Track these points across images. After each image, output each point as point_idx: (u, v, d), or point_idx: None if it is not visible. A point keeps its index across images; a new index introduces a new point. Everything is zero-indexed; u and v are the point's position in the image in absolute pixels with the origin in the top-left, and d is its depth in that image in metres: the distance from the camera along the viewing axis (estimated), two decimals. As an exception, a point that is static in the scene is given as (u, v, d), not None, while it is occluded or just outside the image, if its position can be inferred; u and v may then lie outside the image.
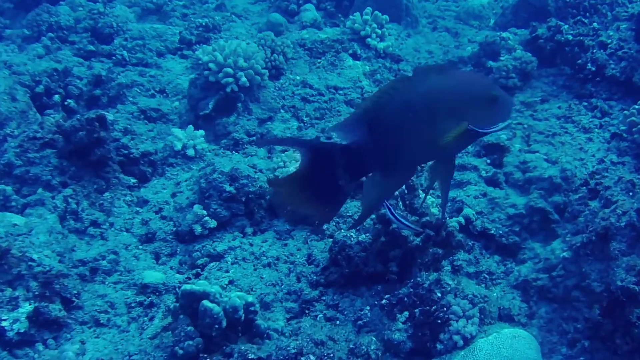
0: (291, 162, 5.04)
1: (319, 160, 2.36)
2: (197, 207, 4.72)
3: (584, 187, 4.67)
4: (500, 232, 4.60)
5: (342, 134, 2.39)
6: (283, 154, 5.05)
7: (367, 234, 4.20)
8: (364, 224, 4.19)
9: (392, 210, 3.59)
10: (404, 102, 2.31)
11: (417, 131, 2.34)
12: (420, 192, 4.51)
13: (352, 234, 4.23)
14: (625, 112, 5.09)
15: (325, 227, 4.62)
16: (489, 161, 4.92)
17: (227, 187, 4.70)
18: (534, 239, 4.58)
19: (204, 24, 6.70)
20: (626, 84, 5.53)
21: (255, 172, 4.86)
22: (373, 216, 4.15)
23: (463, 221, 4.60)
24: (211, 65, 5.60)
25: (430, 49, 6.50)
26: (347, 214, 4.71)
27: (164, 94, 6.15)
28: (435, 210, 4.41)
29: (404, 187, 4.45)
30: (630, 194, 4.43)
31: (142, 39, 6.61)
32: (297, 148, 2.66)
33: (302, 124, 5.67)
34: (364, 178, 2.48)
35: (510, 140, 4.96)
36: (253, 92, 5.72)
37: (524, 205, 4.65)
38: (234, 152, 5.52)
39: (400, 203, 4.44)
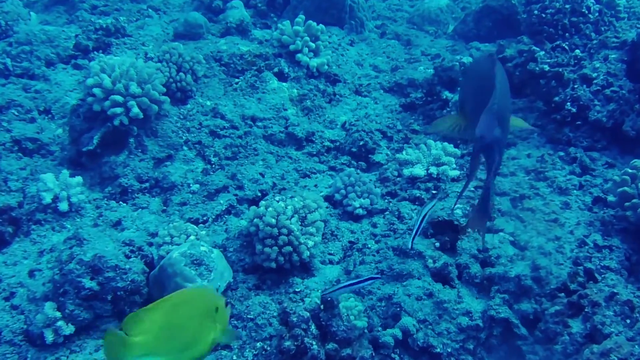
0: (180, 236, 3.39)
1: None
2: (48, 306, 3.13)
3: (562, 294, 3.10)
4: (449, 349, 3.06)
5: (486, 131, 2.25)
6: (175, 220, 3.43)
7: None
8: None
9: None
10: (503, 94, 2.28)
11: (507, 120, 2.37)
12: (341, 309, 2.93)
13: None
14: (615, 177, 3.50)
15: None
16: (437, 244, 3.31)
17: (87, 283, 3.17)
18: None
19: (104, 26, 4.95)
20: (613, 131, 3.95)
21: (128, 258, 3.21)
22: None
23: (400, 334, 3.02)
24: (96, 90, 3.95)
25: (375, 62, 4.83)
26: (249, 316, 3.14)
27: (49, 115, 4.41)
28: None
29: (320, 305, 2.88)
30: (628, 321, 2.87)
31: (29, 43, 4.87)
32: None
33: (208, 166, 4.00)
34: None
35: (467, 217, 3.33)
36: (150, 123, 4.06)
37: (482, 314, 3.09)
38: (120, 202, 3.86)
39: (313, 325, 2.85)
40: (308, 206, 3.51)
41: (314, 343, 2.85)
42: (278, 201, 3.52)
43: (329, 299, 2.98)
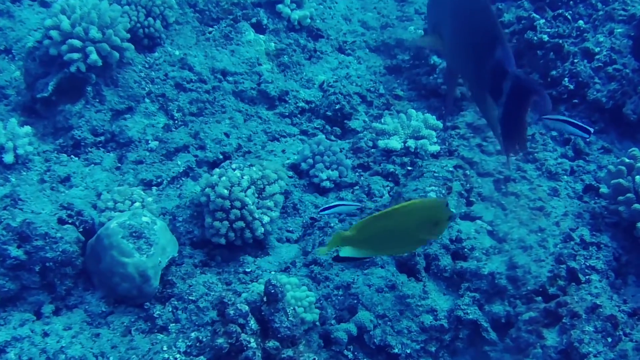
0: (124, 201, 2.86)
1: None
2: (-32, 273, 2.62)
3: (540, 298, 2.56)
4: (408, 350, 2.56)
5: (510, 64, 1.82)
6: (129, 179, 2.92)
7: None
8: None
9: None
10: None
11: None
12: (290, 300, 2.41)
13: None
14: (611, 166, 2.90)
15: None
16: (407, 230, 2.73)
17: (14, 252, 2.64)
18: (457, 365, 2.57)
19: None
20: (613, 113, 3.35)
21: (63, 224, 2.70)
22: None
23: (355, 330, 2.50)
24: (53, 33, 3.37)
25: (365, 18, 4.20)
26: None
27: (9, 55, 3.83)
28: None
29: (262, 298, 2.36)
30: (610, 340, 2.34)
31: (-6, -28, 4.17)
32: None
33: (171, 122, 3.43)
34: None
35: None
36: (110, 71, 3.50)
37: (448, 313, 2.56)
38: (72, 157, 3.32)
39: (252, 320, 2.33)
40: (267, 177, 2.96)
41: (251, 341, 2.34)
42: (234, 169, 2.96)
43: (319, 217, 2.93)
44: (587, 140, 3.38)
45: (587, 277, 2.82)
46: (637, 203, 2.87)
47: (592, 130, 2.81)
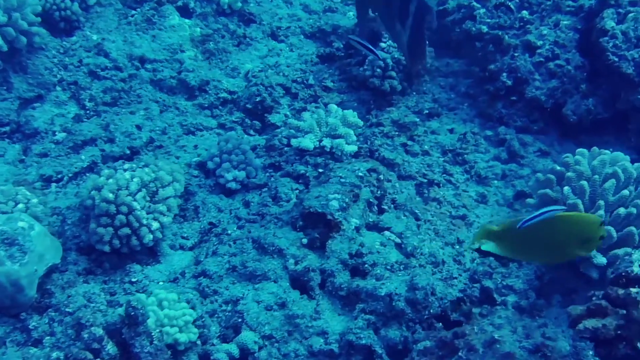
0: (7, 202, 2.53)
1: None
2: None
3: (440, 324, 2.20)
4: (295, 376, 2.19)
5: None
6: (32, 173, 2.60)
7: None
8: None
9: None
10: None
11: None
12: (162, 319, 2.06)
13: None
14: (539, 174, 2.53)
15: None
16: (305, 241, 2.38)
17: None
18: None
19: None
20: (553, 113, 2.91)
21: None
22: None
23: (236, 351, 2.16)
24: (-47, 13, 2.95)
25: (307, 2, 3.76)
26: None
27: None
28: None
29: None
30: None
31: None
32: None
33: (82, 112, 3.07)
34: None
35: (344, 211, 2.39)
36: (19, 57, 3.15)
37: (340, 336, 2.20)
38: (-26, 148, 2.97)
39: (110, 344, 1.99)
40: (161, 179, 2.60)
41: (105, 370, 2.00)
42: (126, 170, 2.59)
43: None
44: (524, 141, 2.99)
45: (502, 298, 2.46)
46: (562, 217, 2.47)
47: (382, 58, 2.86)
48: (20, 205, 2.63)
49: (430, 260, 2.50)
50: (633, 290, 1.67)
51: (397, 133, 2.98)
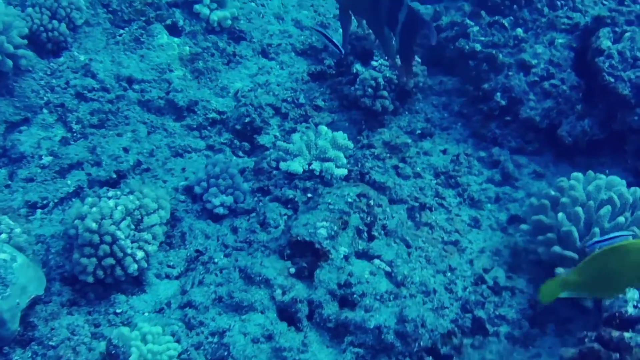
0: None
1: None
2: None
3: (430, 357, 2.15)
4: (282, 411, 2.14)
5: None
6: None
7: None
8: None
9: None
10: None
11: None
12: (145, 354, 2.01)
13: None
14: (533, 199, 2.47)
15: None
16: (293, 270, 2.32)
17: None
18: None
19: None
20: (548, 133, 2.84)
21: None
22: None
23: (219, 388, 2.12)
24: (-63, 37, 2.91)
25: (299, 17, 3.69)
26: None
27: None
28: None
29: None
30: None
31: None
32: None
33: (69, 134, 3.01)
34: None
35: (333, 239, 2.32)
36: (6, 80, 3.11)
37: (328, 370, 2.14)
38: (-41, 175, 2.92)
39: None
40: (146, 206, 2.54)
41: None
42: (110, 198, 2.54)
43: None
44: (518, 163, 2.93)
45: (495, 328, 2.40)
46: (558, 244, 2.42)
47: (342, 52, 2.83)
48: (3, 236, 2.56)
49: (421, 289, 2.43)
50: (627, 335, 1.60)
51: (388, 155, 2.92)
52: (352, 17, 2.51)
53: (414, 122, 3.13)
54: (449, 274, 2.54)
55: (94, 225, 2.44)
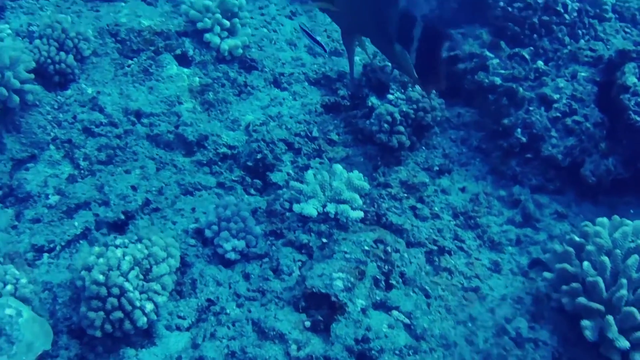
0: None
1: None
2: None
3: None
4: None
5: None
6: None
7: None
8: None
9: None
10: None
11: None
12: None
13: None
14: (557, 246, 2.36)
15: None
16: (308, 324, 2.22)
17: None
18: None
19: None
20: (570, 171, 2.71)
21: None
22: None
23: None
24: (-58, 74, 2.84)
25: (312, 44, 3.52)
26: None
27: None
28: None
29: None
30: None
31: None
32: None
33: (76, 171, 2.92)
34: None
35: (349, 291, 2.23)
36: (12, 116, 3.04)
37: None
38: (-37, 217, 2.85)
39: None
40: (154, 255, 2.45)
41: None
42: (117, 247, 2.44)
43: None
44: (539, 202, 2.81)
45: (518, 383, 2.28)
46: (583, 295, 2.30)
47: (327, 51, 2.66)
48: (9, 287, 2.48)
49: (441, 342, 2.33)
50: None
51: (405, 195, 2.81)
52: (356, 41, 2.40)
53: (431, 157, 3.02)
54: (470, 324, 2.43)
55: (101, 278, 2.35)
